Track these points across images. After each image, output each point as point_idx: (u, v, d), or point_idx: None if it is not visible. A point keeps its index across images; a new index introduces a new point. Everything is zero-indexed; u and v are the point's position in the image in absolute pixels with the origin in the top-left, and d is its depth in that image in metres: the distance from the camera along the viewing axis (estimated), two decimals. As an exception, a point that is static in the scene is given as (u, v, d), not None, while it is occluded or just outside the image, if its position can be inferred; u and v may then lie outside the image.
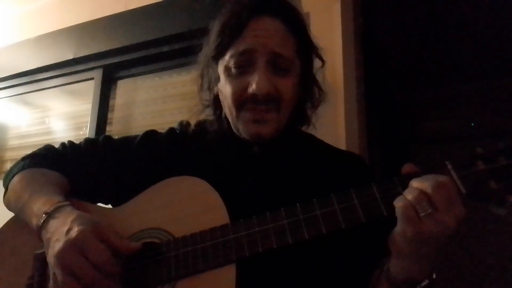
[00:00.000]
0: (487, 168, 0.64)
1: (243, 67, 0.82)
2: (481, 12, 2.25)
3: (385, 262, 0.72)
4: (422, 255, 0.64)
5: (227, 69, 0.84)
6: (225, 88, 0.85)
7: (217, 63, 0.88)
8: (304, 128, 0.98)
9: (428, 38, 2.53)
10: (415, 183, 0.63)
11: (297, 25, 0.87)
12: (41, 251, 0.82)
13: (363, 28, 1.70)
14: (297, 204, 0.71)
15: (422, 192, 0.62)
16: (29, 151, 0.97)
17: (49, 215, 0.77)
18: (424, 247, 0.63)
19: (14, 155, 2.39)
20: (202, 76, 0.95)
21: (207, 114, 0.96)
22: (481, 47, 2.54)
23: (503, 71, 2.73)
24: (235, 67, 0.83)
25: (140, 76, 2.11)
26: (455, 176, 0.65)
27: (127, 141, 0.96)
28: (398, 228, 0.64)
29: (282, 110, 0.84)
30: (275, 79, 0.82)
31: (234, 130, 0.89)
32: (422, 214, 0.61)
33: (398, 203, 0.63)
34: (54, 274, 0.72)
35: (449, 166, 0.66)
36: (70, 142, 0.99)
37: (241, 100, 0.83)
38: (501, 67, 2.70)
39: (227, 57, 0.84)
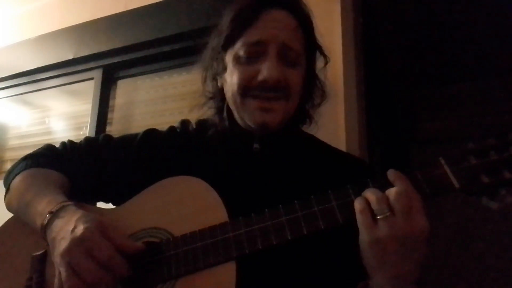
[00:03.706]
0: (479, 162, 0.65)
1: (253, 57, 0.84)
2: (481, 12, 2.25)
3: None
4: (391, 272, 0.64)
5: (236, 57, 0.85)
6: (232, 75, 0.86)
7: (225, 53, 0.89)
8: (306, 129, 0.98)
9: (428, 38, 2.53)
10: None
11: (306, 22, 0.89)
12: (39, 252, 0.82)
13: (363, 28, 1.70)
14: (295, 201, 0.71)
15: (384, 196, 0.64)
16: (29, 151, 0.97)
17: (54, 215, 0.77)
18: (386, 259, 0.63)
19: (14, 155, 2.39)
20: (206, 69, 0.95)
21: (209, 107, 0.97)
22: (480, 47, 2.55)
23: (503, 71, 2.73)
24: (245, 56, 0.84)
25: (140, 76, 2.11)
26: (448, 171, 0.66)
27: (127, 140, 0.96)
28: (359, 235, 0.66)
29: (291, 100, 0.85)
30: (284, 69, 0.83)
31: (238, 120, 0.89)
32: (379, 217, 0.63)
33: (356, 204, 0.66)
34: (60, 273, 0.71)
35: (443, 162, 0.67)
36: (70, 142, 0.99)
37: (248, 87, 0.84)
38: (501, 67, 2.70)
39: (237, 45, 0.85)
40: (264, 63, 0.82)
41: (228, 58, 0.88)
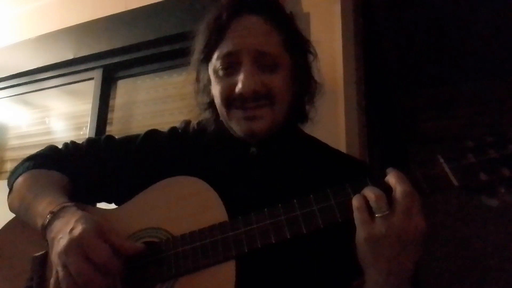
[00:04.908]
0: (478, 160, 0.65)
1: (230, 68, 0.83)
2: (481, 12, 2.25)
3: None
4: (385, 269, 0.64)
5: (215, 70, 0.85)
6: (215, 89, 0.87)
7: (207, 66, 0.89)
8: (306, 129, 0.98)
9: (428, 38, 2.54)
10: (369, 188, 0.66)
11: (280, 20, 0.86)
12: (40, 253, 0.83)
13: (363, 29, 1.70)
14: (294, 200, 0.71)
15: (383, 194, 0.64)
16: (29, 151, 0.98)
17: (54, 215, 0.77)
18: (381, 256, 0.63)
19: (14, 155, 2.39)
20: (198, 80, 0.95)
21: (205, 117, 0.96)
22: (481, 47, 2.55)
23: (503, 71, 2.74)
24: (222, 69, 0.83)
25: (140, 76, 2.11)
26: (446, 169, 0.66)
27: (128, 141, 0.97)
28: (356, 232, 0.66)
29: (276, 104, 0.84)
30: (263, 76, 0.82)
31: (230, 130, 0.89)
32: (377, 215, 0.63)
33: (354, 201, 0.65)
34: (57, 272, 0.72)
35: (441, 160, 0.67)
36: (73, 142, 0.99)
37: (230, 100, 0.83)
38: (501, 67, 2.70)
39: (214, 59, 0.85)
40: (239, 74, 0.81)
41: (210, 71, 0.88)
